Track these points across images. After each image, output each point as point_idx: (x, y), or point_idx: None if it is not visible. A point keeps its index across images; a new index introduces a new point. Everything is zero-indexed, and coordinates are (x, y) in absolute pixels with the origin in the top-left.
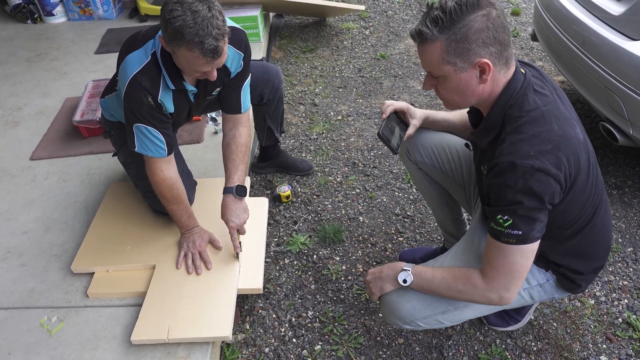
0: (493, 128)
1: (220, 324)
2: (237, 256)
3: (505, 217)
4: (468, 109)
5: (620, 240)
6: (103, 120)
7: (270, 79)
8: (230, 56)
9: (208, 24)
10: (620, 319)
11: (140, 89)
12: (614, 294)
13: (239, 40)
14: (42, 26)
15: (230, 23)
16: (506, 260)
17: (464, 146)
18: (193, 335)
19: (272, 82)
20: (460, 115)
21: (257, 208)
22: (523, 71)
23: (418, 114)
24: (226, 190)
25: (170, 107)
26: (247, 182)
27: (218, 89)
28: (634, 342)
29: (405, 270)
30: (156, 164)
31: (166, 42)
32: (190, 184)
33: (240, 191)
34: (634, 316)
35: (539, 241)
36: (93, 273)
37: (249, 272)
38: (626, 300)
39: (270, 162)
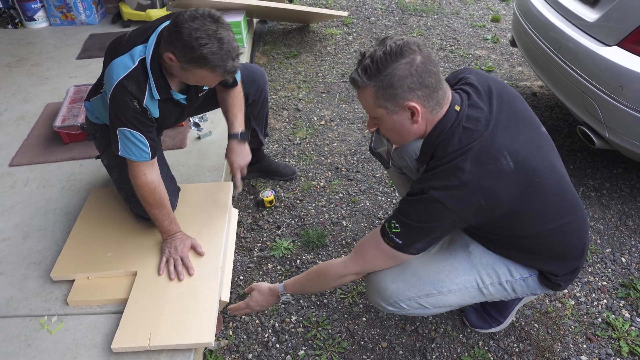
0: (423, 161)
1: (202, 330)
2: (236, 195)
3: (397, 225)
4: None
5: (598, 241)
6: (87, 123)
7: (255, 79)
8: None
9: (230, 48)
10: (599, 319)
11: (126, 93)
12: (594, 295)
13: None
14: (23, 31)
15: None
16: (376, 257)
17: None
18: (175, 342)
19: (258, 83)
20: None
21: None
22: (458, 108)
23: None
24: (231, 136)
25: (155, 112)
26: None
27: None
28: (613, 342)
29: (283, 294)
30: (139, 167)
31: (180, 62)
32: (173, 189)
33: (243, 136)
34: (613, 316)
35: (411, 255)
36: (73, 280)
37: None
38: (605, 301)
39: (254, 167)
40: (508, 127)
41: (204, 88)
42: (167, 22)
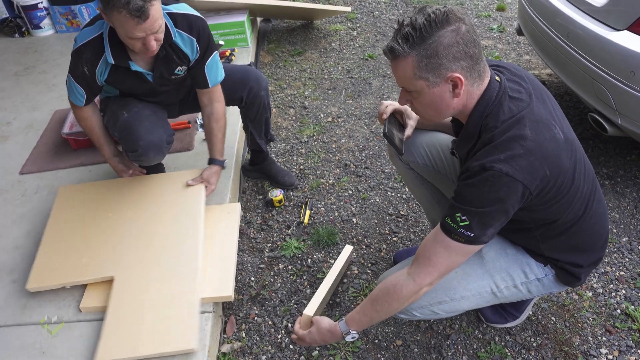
0: (470, 138)
1: (183, 335)
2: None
3: (464, 217)
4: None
5: (615, 230)
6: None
7: (247, 83)
8: (182, 39)
9: None
10: (618, 310)
11: (81, 58)
12: (611, 285)
13: (190, 25)
14: (30, 39)
15: (186, 10)
16: (448, 259)
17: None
18: (158, 350)
19: (250, 86)
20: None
21: (229, 213)
22: (498, 79)
23: (414, 114)
24: (216, 162)
25: (103, 78)
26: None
27: (180, 67)
28: (633, 333)
29: (347, 333)
30: (75, 105)
31: (104, 13)
32: (168, 134)
33: (224, 163)
34: (632, 307)
35: (483, 245)
36: (86, 286)
37: (218, 279)
38: (624, 291)
39: (257, 167)
40: (544, 101)
41: (176, 72)
42: None
